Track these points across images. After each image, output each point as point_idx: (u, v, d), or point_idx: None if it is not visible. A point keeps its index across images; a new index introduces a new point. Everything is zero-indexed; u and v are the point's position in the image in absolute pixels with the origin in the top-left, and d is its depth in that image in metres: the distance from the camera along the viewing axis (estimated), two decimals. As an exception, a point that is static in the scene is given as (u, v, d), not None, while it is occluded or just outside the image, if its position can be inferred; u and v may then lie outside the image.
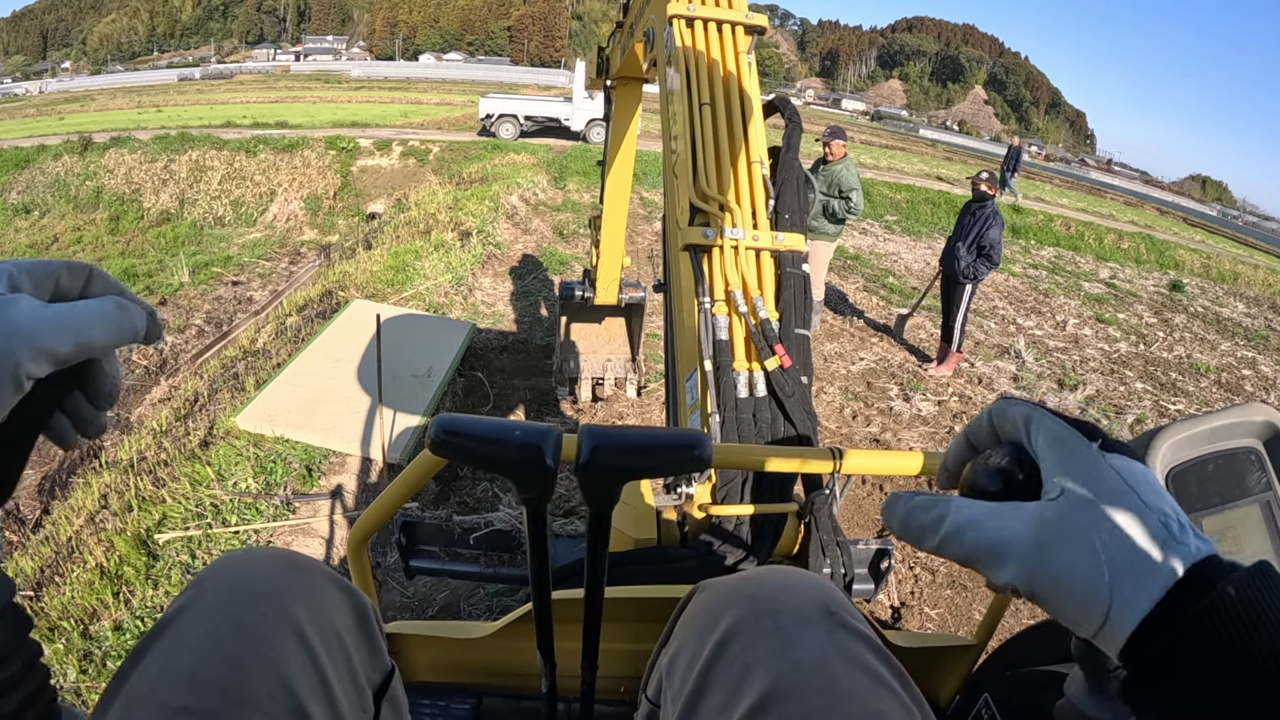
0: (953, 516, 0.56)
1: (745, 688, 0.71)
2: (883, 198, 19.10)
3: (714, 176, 2.09)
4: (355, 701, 0.77)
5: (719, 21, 2.36)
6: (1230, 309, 13.95)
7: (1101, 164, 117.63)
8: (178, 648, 0.68)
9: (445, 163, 19.65)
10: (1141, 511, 0.50)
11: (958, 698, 1.50)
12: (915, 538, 0.58)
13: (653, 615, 1.30)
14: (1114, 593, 0.48)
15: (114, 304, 0.58)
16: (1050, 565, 0.51)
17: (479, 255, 9.98)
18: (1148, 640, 0.47)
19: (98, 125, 25.01)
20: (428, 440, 0.70)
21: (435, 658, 1.49)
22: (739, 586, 0.86)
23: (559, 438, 0.70)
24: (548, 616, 1.02)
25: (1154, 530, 0.49)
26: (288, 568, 0.80)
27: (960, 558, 0.56)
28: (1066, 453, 0.54)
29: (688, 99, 2.19)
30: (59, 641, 3.18)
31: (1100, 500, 0.51)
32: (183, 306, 11.68)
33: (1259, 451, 0.91)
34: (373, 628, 0.86)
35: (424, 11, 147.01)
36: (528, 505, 0.78)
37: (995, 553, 0.53)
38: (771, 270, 2.02)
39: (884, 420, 6.69)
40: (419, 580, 3.89)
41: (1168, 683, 0.46)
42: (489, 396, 6.32)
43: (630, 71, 4.35)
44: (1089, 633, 0.50)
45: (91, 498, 4.46)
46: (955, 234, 7.48)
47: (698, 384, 1.89)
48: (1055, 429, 0.56)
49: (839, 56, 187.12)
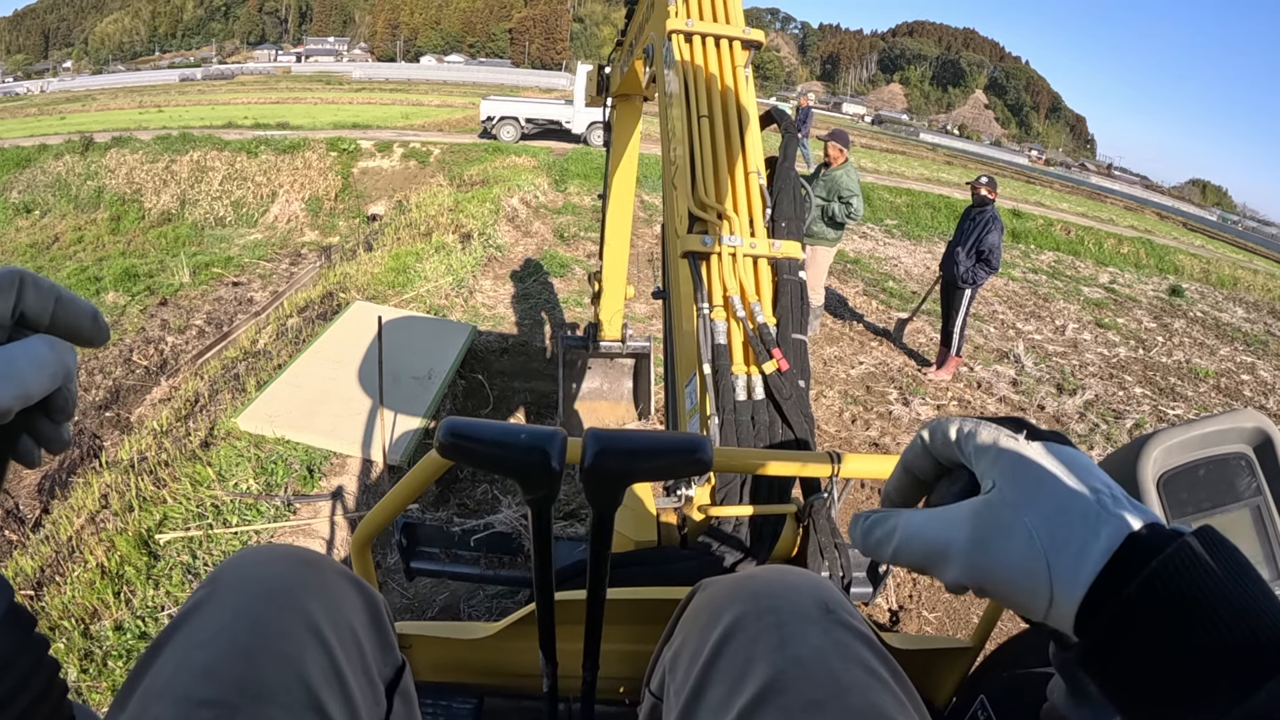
0: (902, 527, 0.59)
1: (746, 681, 0.72)
2: (883, 202, 19.09)
3: (712, 186, 2.13)
4: (369, 696, 0.78)
5: (717, 37, 2.41)
6: (1229, 314, 13.96)
7: (1102, 169, 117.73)
8: (196, 643, 0.69)
9: (446, 165, 19.66)
10: (1070, 491, 0.52)
11: (954, 699, 1.51)
12: (874, 551, 0.61)
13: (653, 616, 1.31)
14: (1053, 572, 0.50)
15: (45, 344, 0.57)
16: (988, 558, 0.53)
17: (480, 258, 9.99)
18: (1095, 614, 0.48)
19: (99, 125, 25.04)
20: (435, 443, 0.71)
21: (438, 657, 1.49)
22: (741, 584, 0.87)
23: (564, 441, 0.71)
24: (550, 617, 1.03)
25: (1085, 506, 0.51)
26: (302, 564, 0.81)
27: (913, 564, 0.58)
28: (993, 448, 0.56)
29: (687, 111, 2.23)
30: (60, 640, 3.19)
31: (1029, 486, 0.53)
32: (183, 307, 11.69)
33: (1249, 457, 0.93)
34: (385, 623, 0.88)
35: (425, 13, 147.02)
36: (532, 507, 0.79)
37: (940, 554, 0.56)
38: (769, 277, 2.05)
39: (883, 424, 6.70)
40: (419, 581, 3.90)
41: (1120, 650, 0.47)
42: (489, 399, 6.33)
43: (630, 89, 4.39)
44: (1040, 615, 0.51)
45: (92, 497, 4.47)
46: (955, 238, 7.50)
47: (696, 389, 1.92)
48: (981, 432, 0.58)
49: (840, 60, 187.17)
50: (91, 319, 0.61)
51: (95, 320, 0.61)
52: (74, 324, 0.60)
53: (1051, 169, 78.06)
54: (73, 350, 0.59)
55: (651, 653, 0.98)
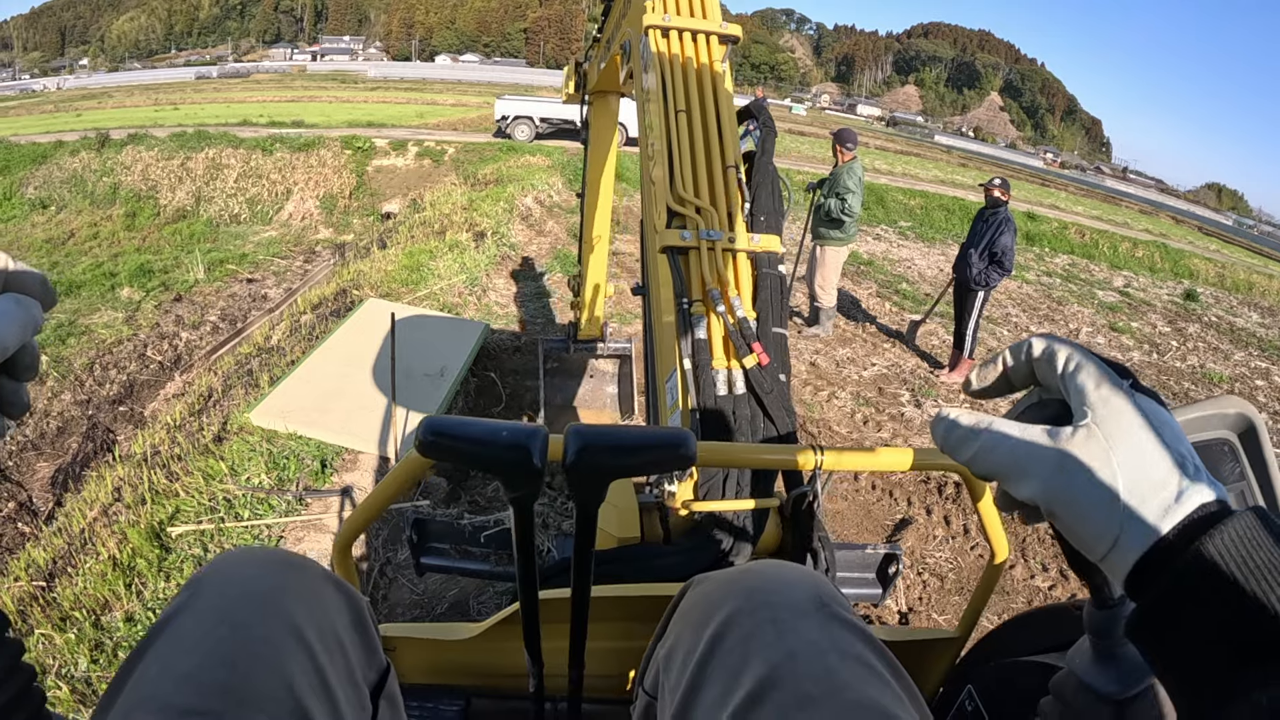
0: (989, 432, 0.59)
1: (741, 677, 0.72)
2: (897, 204, 19.04)
3: (690, 181, 2.14)
4: (354, 700, 0.78)
5: (694, 31, 2.42)
6: (1244, 319, 13.85)
7: (1117, 172, 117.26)
8: (178, 649, 0.69)
9: (460, 163, 19.69)
10: (1161, 449, 0.53)
11: (941, 689, 1.51)
12: (954, 448, 0.61)
13: (638, 614, 1.31)
14: (1124, 521, 0.51)
15: (12, 301, 0.57)
16: (1069, 486, 0.54)
17: (493, 256, 10.00)
18: (1155, 572, 0.49)
19: (115, 122, 25.17)
20: (415, 441, 0.71)
21: (424, 659, 1.49)
22: (734, 580, 0.87)
23: (545, 438, 0.71)
24: (535, 616, 1.02)
25: (1171, 466, 0.52)
26: (285, 568, 0.81)
27: (989, 471, 0.59)
28: (1097, 385, 0.57)
29: (664, 107, 2.24)
30: (71, 631, 3.20)
31: (1125, 431, 0.54)
32: (198, 303, 11.76)
33: (1233, 443, 0.93)
34: (368, 626, 0.87)
35: (440, 13, 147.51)
36: (515, 504, 0.79)
37: (1021, 468, 0.57)
38: (748, 271, 2.05)
39: (895, 425, 6.68)
40: (429, 578, 3.90)
41: (1173, 619, 0.48)
42: (501, 397, 6.33)
43: (608, 85, 4.40)
44: (1097, 555, 0.53)
45: (105, 490, 4.49)
46: (968, 240, 7.47)
47: (677, 384, 1.92)
48: (1090, 366, 0.58)
49: (855, 62, 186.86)
50: (40, 283, 0.61)
51: (44, 284, 0.61)
52: (25, 286, 0.60)
53: (1067, 172, 77.75)
54: (38, 305, 0.60)
55: (638, 650, 0.97)
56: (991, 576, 1.42)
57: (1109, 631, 0.70)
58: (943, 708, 1.45)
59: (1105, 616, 0.69)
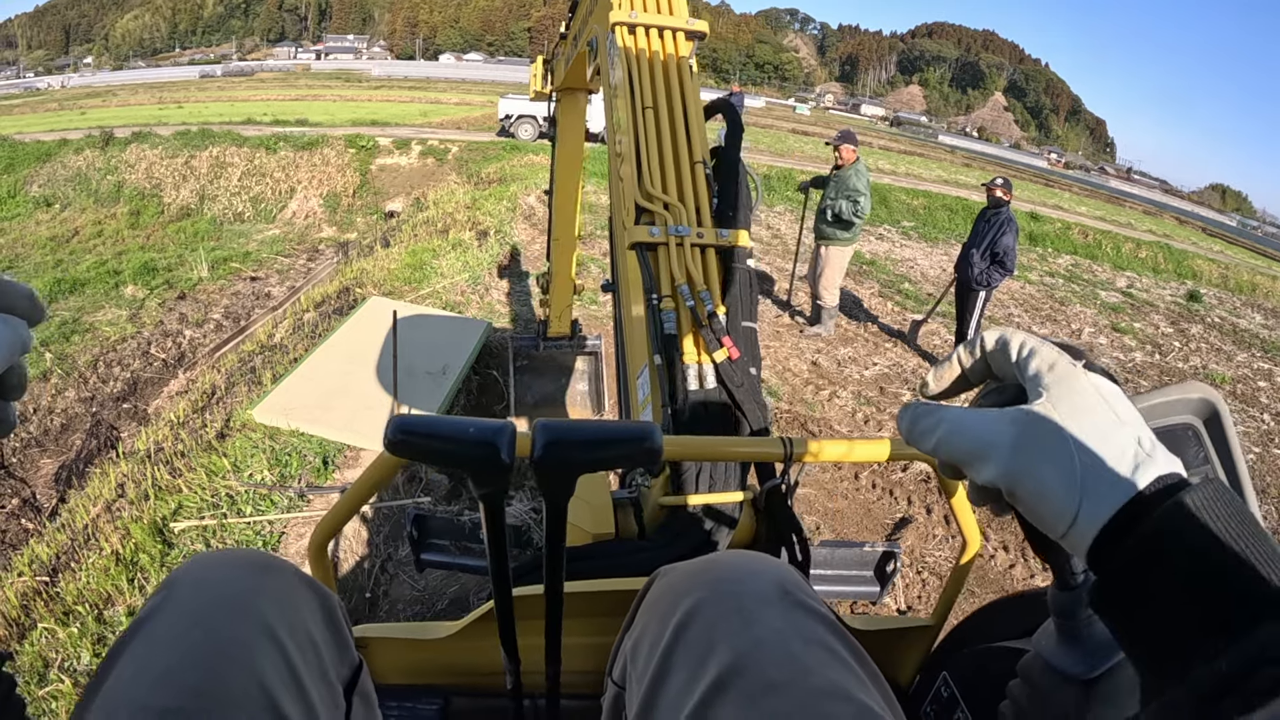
0: (949, 421, 0.60)
1: (707, 665, 0.73)
2: (900, 203, 19.00)
3: (658, 177, 2.14)
4: (327, 697, 0.79)
5: (660, 28, 2.44)
6: (1248, 320, 13.82)
7: (1121, 172, 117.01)
8: (153, 650, 0.70)
9: (464, 162, 19.69)
10: (1116, 425, 0.54)
11: (917, 678, 1.52)
12: (918, 439, 0.63)
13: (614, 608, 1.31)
14: (1084, 495, 0.52)
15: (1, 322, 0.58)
16: (1029, 463, 0.55)
17: (496, 254, 10.00)
18: (1115, 544, 0.50)
19: (119, 120, 25.18)
20: (384, 441, 0.71)
21: (402, 660, 1.48)
22: (700, 570, 0.88)
23: (513, 433, 0.72)
24: (509, 613, 1.03)
25: (1127, 440, 0.54)
26: (256, 568, 0.82)
27: (952, 458, 0.60)
28: (1050, 366, 0.58)
29: (631, 103, 2.25)
30: (74, 626, 3.22)
31: (1080, 408, 0.55)
32: (201, 301, 11.78)
33: (1197, 428, 0.94)
34: (340, 624, 0.88)
35: (444, 12, 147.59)
36: (485, 501, 0.79)
37: (982, 453, 0.58)
38: (717, 266, 2.05)
39: (895, 425, 6.67)
40: (430, 574, 3.92)
41: (1136, 588, 0.49)
42: (504, 395, 6.35)
43: (575, 82, 4.40)
44: (1059, 533, 0.54)
45: (108, 487, 4.51)
46: (970, 240, 7.48)
47: (648, 380, 1.92)
48: (1043, 349, 0.60)
49: (859, 61, 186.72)
50: (27, 298, 0.61)
51: (31, 299, 0.62)
52: (11, 304, 0.60)
53: (1070, 172, 77.52)
54: (24, 324, 0.60)
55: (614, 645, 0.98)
56: (964, 567, 1.43)
57: (1072, 612, 0.71)
58: (920, 695, 1.46)
59: (1068, 598, 0.71)
